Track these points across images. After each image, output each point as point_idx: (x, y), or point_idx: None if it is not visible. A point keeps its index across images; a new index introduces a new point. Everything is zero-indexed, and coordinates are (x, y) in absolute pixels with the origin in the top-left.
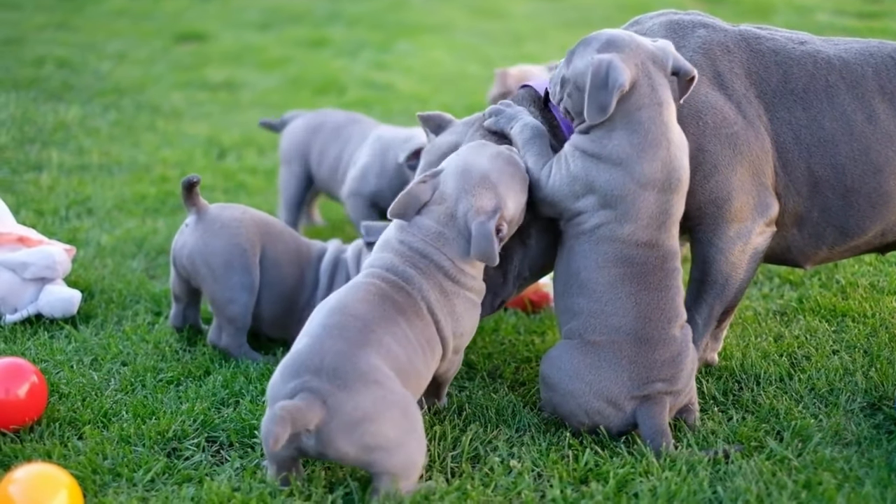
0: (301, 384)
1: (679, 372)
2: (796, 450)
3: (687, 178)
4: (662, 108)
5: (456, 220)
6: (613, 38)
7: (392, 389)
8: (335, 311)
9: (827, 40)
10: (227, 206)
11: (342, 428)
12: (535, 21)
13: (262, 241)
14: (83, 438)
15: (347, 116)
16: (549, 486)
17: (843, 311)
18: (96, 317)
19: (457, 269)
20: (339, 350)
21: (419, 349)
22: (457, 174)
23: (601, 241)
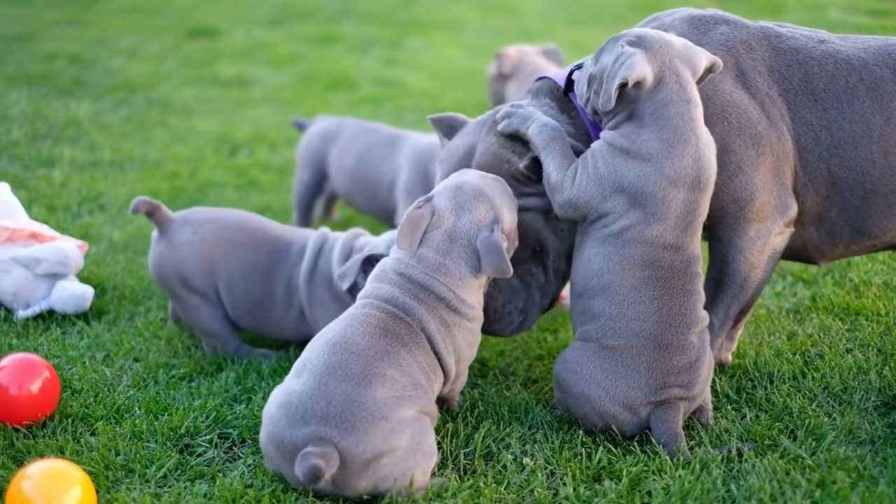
0: (311, 433)
1: (696, 378)
2: (810, 448)
3: (714, 178)
4: (690, 105)
5: (456, 240)
6: (643, 35)
7: (398, 419)
8: (336, 347)
9: (845, 38)
10: (185, 223)
11: (356, 471)
12: (546, 18)
13: (215, 261)
14: (96, 434)
15: (363, 127)
16: (562, 483)
17: (856, 310)
18: (108, 313)
19: (458, 299)
20: (343, 392)
21: (422, 375)
22: (450, 193)
23: (627, 243)
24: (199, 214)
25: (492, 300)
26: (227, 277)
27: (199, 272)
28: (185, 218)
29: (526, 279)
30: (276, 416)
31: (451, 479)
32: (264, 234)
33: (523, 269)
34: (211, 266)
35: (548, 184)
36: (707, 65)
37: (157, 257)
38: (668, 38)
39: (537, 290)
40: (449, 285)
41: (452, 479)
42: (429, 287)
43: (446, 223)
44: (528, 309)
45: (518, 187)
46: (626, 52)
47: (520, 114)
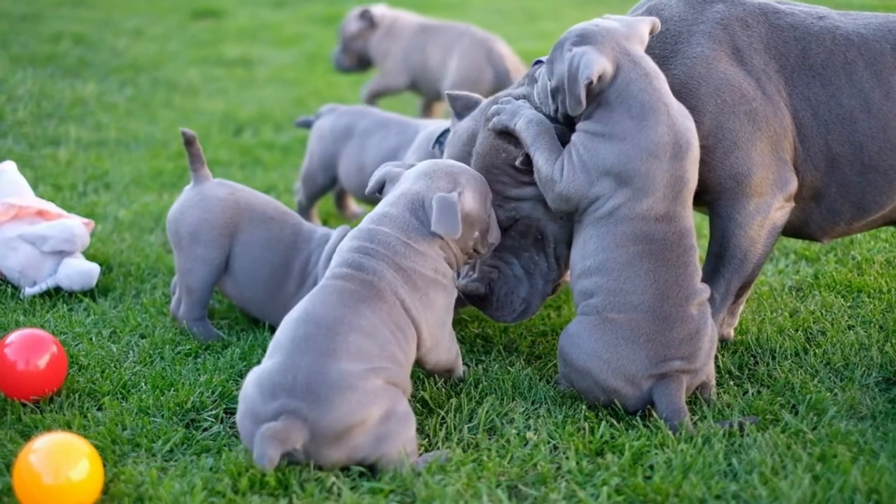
0: (280, 406)
1: (697, 350)
2: (811, 423)
3: (696, 142)
4: (650, 77)
5: (407, 195)
6: (583, 32)
7: (366, 389)
8: (300, 321)
9: (845, 14)
10: (222, 184)
11: (326, 441)
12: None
13: (238, 224)
14: (102, 409)
15: (376, 121)
16: (565, 458)
17: (858, 287)
18: (115, 290)
19: (404, 244)
20: (308, 365)
21: (390, 335)
22: (421, 165)
23: (619, 221)
24: (240, 185)
25: (495, 289)
26: (248, 243)
27: (220, 227)
28: (225, 181)
29: (529, 268)
30: (251, 394)
31: (455, 453)
32: (293, 216)
33: (526, 258)
34: (234, 227)
35: (539, 179)
36: (648, 28)
37: (184, 202)
38: (606, 24)
39: (540, 278)
40: (393, 231)
41: (457, 453)
42: (374, 236)
43: (404, 184)
44: (530, 297)
45: (517, 176)
46: (576, 53)
47: (508, 109)
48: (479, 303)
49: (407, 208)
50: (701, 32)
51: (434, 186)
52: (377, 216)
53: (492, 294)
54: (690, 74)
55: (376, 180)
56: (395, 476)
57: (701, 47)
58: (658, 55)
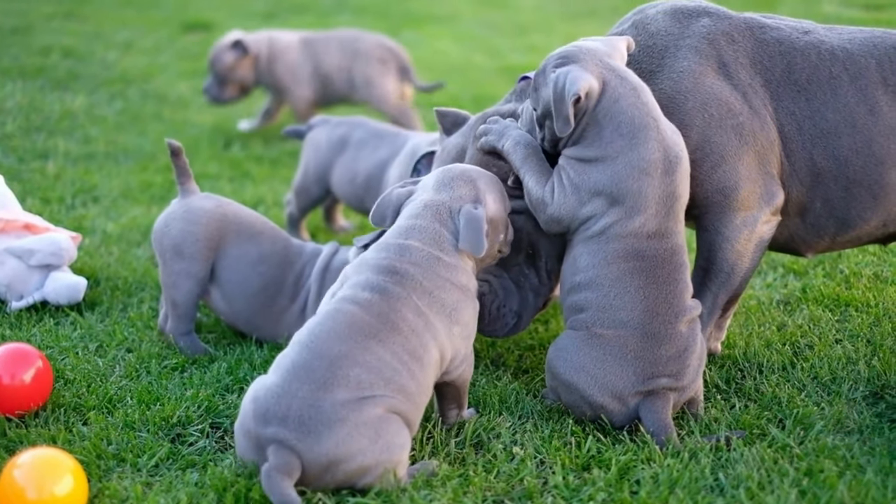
0: (272, 435)
1: (684, 368)
2: (798, 437)
3: (685, 156)
4: (638, 91)
5: (431, 207)
6: (564, 53)
7: (357, 421)
8: (305, 346)
9: (831, 29)
10: (209, 197)
11: (316, 472)
12: (542, 12)
13: (225, 237)
14: (88, 424)
15: (371, 132)
16: (552, 472)
17: (846, 301)
18: (102, 304)
19: (439, 261)
20: (304, 395)
21: (400, 367)
22: (436, 174)
23: (610, 239)
24: (227, 199)
25: (487, 303)
26: (237, 257)
27: (205, 241)
28: (211, 195)
29: (520, 281)
30: (247, 409)
31: (441, 468)
32: (281, 231)
33: (516, 271)
34: (220, 240)
35: (529, 201)
36: (625, 45)
37: (169, 214)
38: (586, 44)
39: (531, 292)
40: (424, 245)
41: (443, 467)
42: (405, 251)
43: (425, 196)
44: (522, 310)
45: (508, 190)
46: (560, 73)
47: (495, 129)
48: None
49: (435, 219)
50: (687, 47)
51: (457, 196)
52: (404, 229)
53: (483, 308)
54: (677, 89)
55: (393, 209)
56: (380, 491)
57: (687, 62)
58: (645, 69)
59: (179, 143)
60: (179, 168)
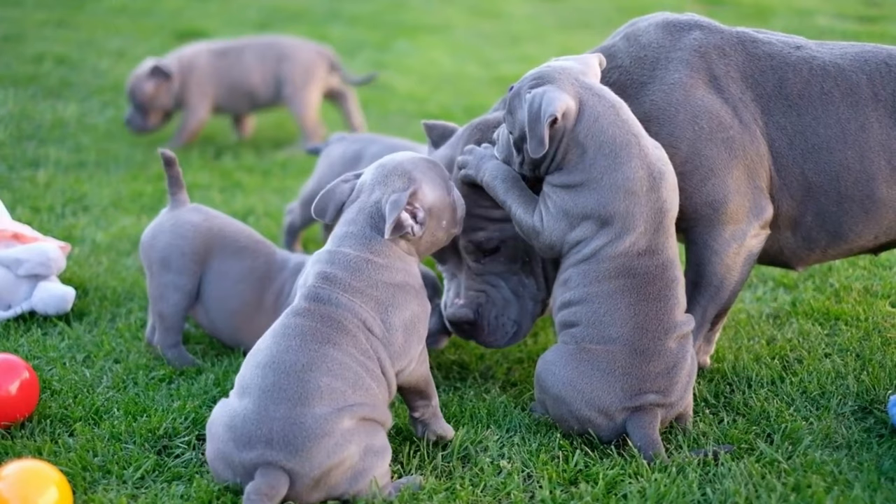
0: (258, 458)
1: (673, 384)
2: (786, 452)
3: (670, 169)
4: (616, 108)
5: (365, 209)
6: (539, 74)
7: (342, 430)
8: (268, 368)
9: (822, 45)
10: (197, 209)
11: (307, 488)
12: (535, 22)
13: (210, 252)
14: (74, 435)
15: (385, 146)
16: (539, 486)
17: (836, 315)
18: (90, 314)
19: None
20: (283, 415)
21: (360, 369)
22: (373, 169)
23: (602, 260)
24: (215, 212)
25: (485, 313)
26: (219, 273)
27: (191, 254)
28: (201, 207)
29: (518, 290)
30: (224, 437)
31: (428, 481)
32: (266, 247)
33: (515, 281)
34: (206, 254)
35: (521, 230)
36: (598, 63)
37: (156, 226)
38: (561, 65)
39: (530, 300)
40: (354, 251)
41: (430, 481)
42: (334, 258)
43: (362, 197)
44: (521, 319)
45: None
46: (535, 93)
47: (471, 162)
48: (469, 330)
49: (367, 223)
50: (678, 59)
51: (389, 191)
52: (339, 237)
53: (481, 319)
54: (668, 101)
55: (335, 205)
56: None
57: (678, 74)
58: (635, 81)
59: (173, 153)
60: (172, 178)
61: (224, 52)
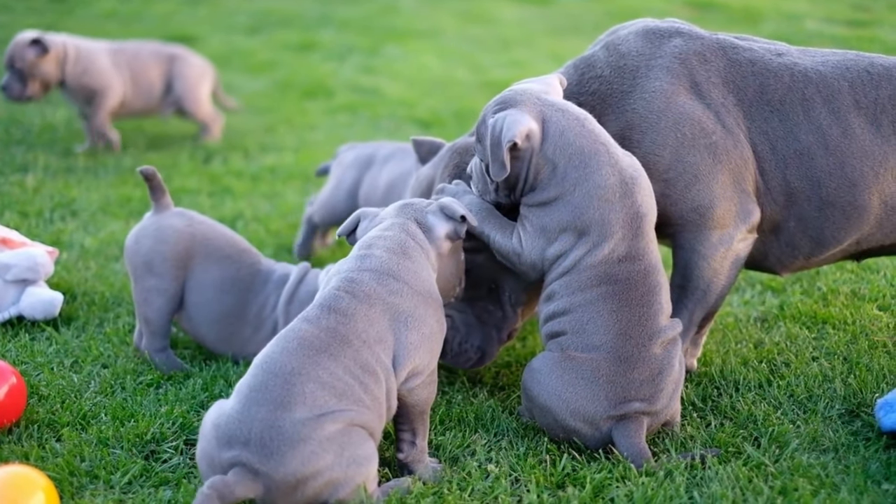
0: (234, 458)
1: (658, 392)
2: (773, 456)
3: (642, 174)
4: (581, 120)
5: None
6: (501, 99)
7: (320, 438)
8: (260, 367)
9: (804, 52)
10: (182, 214)
11: (282, 495)
12: (525, 27)
13: (193, 257)
14: (61, 440)
15: (396, 147)
16: (526, 490)
17: (823, 318)
18: (78, 319)
19: (400, 265)
20: (263, 417)
21: (353, 381)
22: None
23: (583, 269)
24: (200, 216)
25: (449, 338)
26: (201, 280)
27: (173, 259)
28: (185, 212)
29: (482, 316)
30: (209, 436)
31: (415, 486)
32: (250, 256)
33: (479, 307)
34: (188, 260)
35: (501, 256)
36: (559, 81)
37: (139, 231)
38: (522, 86)
39: (494, 327)
40: (386, 250)
41: (417, 485)
42: (363, 259)
43: (388, 219)
44: (485, 346)
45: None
46: (497, 118)
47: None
48: None
49: (402, 230)
50: (659, 67)
51: (420, 207)
52: (372, 238)
53: (446, 343)
54: (650, 108)
55: (351, 219)
56: None
57: (660, 81)
58: (616, 90)
59: (152, 168)
60: (153, 188)
61: (120, 50)
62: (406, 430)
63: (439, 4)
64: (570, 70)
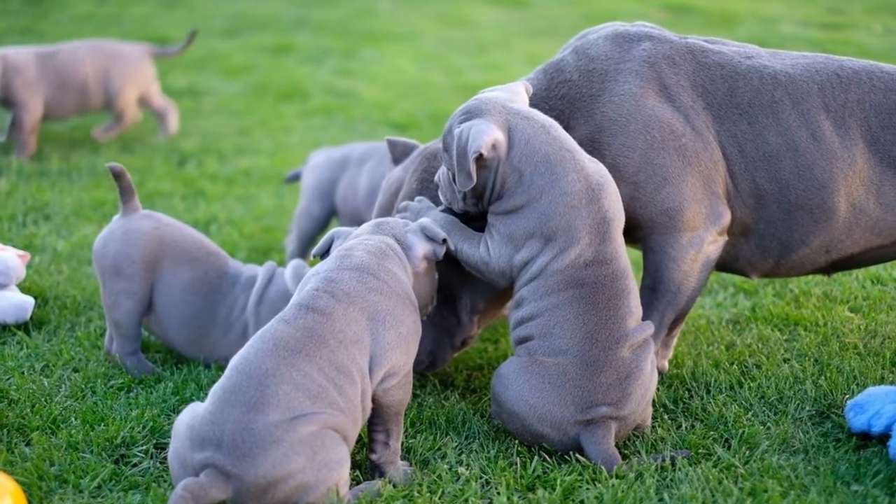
0: (206, 459)
1: (626, 396)
2: (743, 457)
3: (609, 180)
4: (547, 128)
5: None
6: (467, 109)
7: (292, 441)
8: (234, 369)
9: (774, 54)
10: (149, 216)
11: (253, 497)
12: (501, 30)
13: (161, 260)
14: (31, 445)
15: (371, 147)
16: (497, 493)
17: (795, 320)
18: (49, 323)
19: (381, 266)
20: (235, 419)
21: (327, 383)
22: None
23: (550, 274)
24: (168, 219)
25: None
26: (169, 283)
27: (141, 262)
28: (153, 214)
29: (437, 321)
30: (183, 437)
31: (385, 488)
32: (218, 258)
33: (435, 312)
34: (156, 262)
35: (469, 264)
36: (524, 89)
37: (107, 234)
38: (487, 95)
39: (446, 333)
40: (367, 251)
41: (388, 488)
42: (344, 258)
43: (364, 234)
44: (437, 350)
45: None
46: (463, 128)
47: (410, 218)
48: None
49: (381, 241)
50: (628, 70)
51: (398, 223)
52: (350, 246)
53: None
54: (619, 112)
55: (325, 240)
56: None
57: (629, 85)
58: (586, 94)
59: (121, 166)
60: (123, 189)
61: (51, 54)
62: (380, 430)
63: (416, 7)
64: (540, 75)
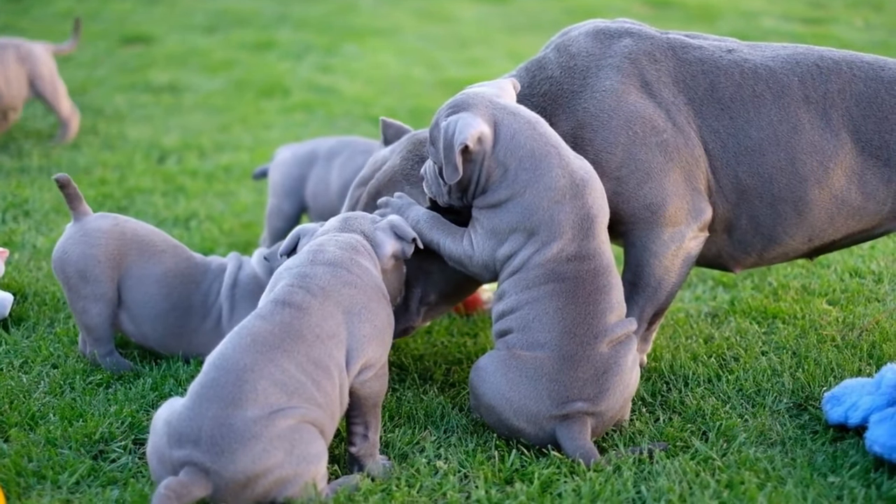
0: (185, 457)
1: (603, 391)
2: (721, 450)
3: (593, 176)
4: (533, 123)
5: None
6: (454, 102)
7: (271, 436)
8: (212, 364)
9: (755, 47)
10: (105, 216)
11: (232, 492)
12: (483, 26)
13: (126, 257)
14: (9, 441)
15: (339, 141)
16: (475, 486)
17: (773, 313)
18: (28, 319)
19: (353, 261)
20: (213, 415)
21: (305, 378)
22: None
23: (531, 268)
24: (123, 216)
25: None
26: (140, 277)
27: (107, 261)
28: (107, 214)
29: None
30: (161, 433)
31: (364, 482)
32: (183, 249)
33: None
34: (121, 259)
35: (453, 261)
36: (512, 86)
37: (66, 240)
38: (475, 90)
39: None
40: (338, 246)
41: (366, 482)
42: (317, 252)
43: (332, 230)
44: None
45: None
46: (450, 121)
47: (392, 208)
48: None
49: (350, 237)
50: (609, 66)
51: (368, 219)
52: (322, 240)
53: None
54: (601, 108)
55: (290, 238)
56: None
57: (610, 81)
58: (566, 91)
59: (66, 176)
60: (70, 195)
61: None
62: (359, 423)
63: (398, 3)
64: (522, 73)
